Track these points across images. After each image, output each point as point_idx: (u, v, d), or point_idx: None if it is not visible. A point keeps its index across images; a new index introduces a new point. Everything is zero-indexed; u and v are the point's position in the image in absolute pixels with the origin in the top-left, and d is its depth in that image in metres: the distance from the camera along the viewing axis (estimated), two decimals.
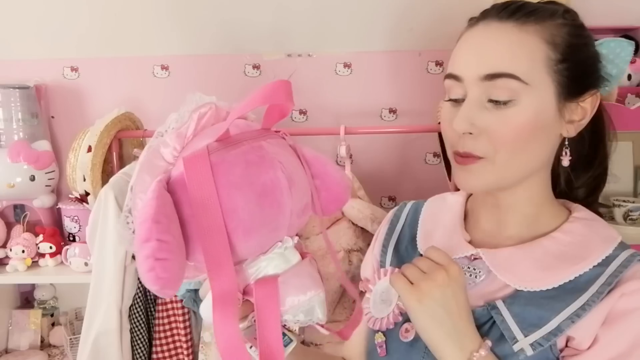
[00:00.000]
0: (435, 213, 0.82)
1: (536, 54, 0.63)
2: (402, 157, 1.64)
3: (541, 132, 0.65)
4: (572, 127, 0.68)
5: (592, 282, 0.63)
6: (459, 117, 0.65)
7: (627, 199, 1.37)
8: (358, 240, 1.26)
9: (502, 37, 0.64)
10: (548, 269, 0.66)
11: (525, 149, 0.65)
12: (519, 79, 0.62)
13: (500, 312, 0.65)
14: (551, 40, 0.64)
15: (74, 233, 1.52)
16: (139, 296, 1.25)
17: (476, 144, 0.65)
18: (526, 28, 0.64)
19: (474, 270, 0.71)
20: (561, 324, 0.62)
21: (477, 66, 0.64)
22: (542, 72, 0.64)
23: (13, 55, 1.61)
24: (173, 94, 1.63)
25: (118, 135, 1.40)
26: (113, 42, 1.59)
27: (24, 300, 1.71)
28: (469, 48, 0.67)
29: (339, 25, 1.54)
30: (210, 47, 1.60)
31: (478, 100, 0.65)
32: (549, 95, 0.64)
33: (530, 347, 0.62)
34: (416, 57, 1.60)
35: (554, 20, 0.65)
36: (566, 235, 0.68)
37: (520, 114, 0.63)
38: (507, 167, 0.66)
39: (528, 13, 0.65)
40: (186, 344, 1.23)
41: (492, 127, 0.64)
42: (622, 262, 0.64)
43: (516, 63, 0.63)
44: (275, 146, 0.58)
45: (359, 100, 1.62)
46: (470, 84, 0.65)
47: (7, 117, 1.50)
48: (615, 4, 1.43)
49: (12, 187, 1.45)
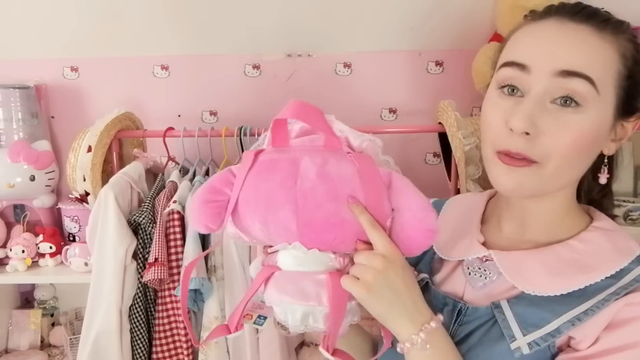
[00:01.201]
0: (455, 212, 0.82)
1: (610, 64, 0.61)
2: (402, 157, 1.64)
3: (594, 145, 0.63)
4: (613, 146, 0.67)
5: (600, 290, 0.62)
6: (521, 114, 0.60)
7: (627, 199, 1.37)
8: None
9: (581, 38, 0.61)
10: (558, 275, 0.65)
11: (578, 160, 0.63)
12: (593, 84, 0.59)
13: (503, 311, 0.66)
14: (623, 54, 0.62)
15: (74, 233, 1.52)
16: (139, 296, 1.25)
17: (532, 146, 0.61)
18: (604, 36, 0.61)
19: (484, 271, 0.71)
20: (561, 326, 0.62)
21: (553, 59, 0.60)
22: (611, 84, 0.61)
23: (13, 55, 1.61)
24: (173, 94, 1.63)
25: (118, 135, 1.40)
26: (113, 42, 1.59)
27: (24, 300, 1.71)
28: (543, 39, 0.62)
29: (339, 25, 1.54)
30: (210, 47, 1.60)
31: (542, 98, 0.61)
32: (610, 110, 0.63)
33: (527, 346, 0.62)
34: (416, 57, 1.60)
35: (625, 34, 0.64)
36: (582, 243, 0.67)
37: (583, 122, 0.60)
38: (555, 175, 0.63)
39: (604, 21, 0.62)
40: (186, 344, 1.23)
41: (552, 130, 0.60)
42: (635, 276, 0.62)
43: (594, 67, 0.60)
44: (314, 160, 0.64)
45: (359, 100, 1.62)
46: (541, 78, 0.61)
47: (7, 117, 1.50)
48: (615, 4, 1.43)
49: (12, 187, 1.45)
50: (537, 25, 0.64)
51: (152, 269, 1.17)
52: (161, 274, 1.17)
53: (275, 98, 1.63)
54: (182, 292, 0.71)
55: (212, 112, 1.65)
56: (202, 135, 1.34)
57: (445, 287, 0.75)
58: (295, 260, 0.64)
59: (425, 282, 0.76)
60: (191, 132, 1.34)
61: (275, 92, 1.62)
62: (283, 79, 1.62)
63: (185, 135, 1.34)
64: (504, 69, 0.64)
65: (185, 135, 1.34)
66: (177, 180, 1.33)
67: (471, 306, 0.69)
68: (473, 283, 0.71)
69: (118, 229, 1.21)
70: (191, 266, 0.72)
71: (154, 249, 1.19)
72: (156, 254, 1.19)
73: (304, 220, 0.62)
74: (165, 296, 1.23)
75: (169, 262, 1.22)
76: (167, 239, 1.23)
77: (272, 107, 1.83)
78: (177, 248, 1.23)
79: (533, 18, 0.65)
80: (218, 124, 1.64)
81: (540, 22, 0.64)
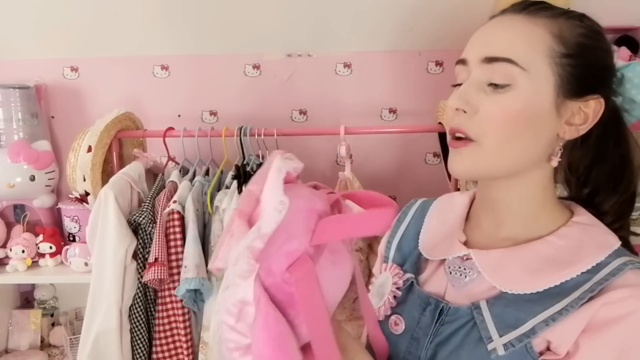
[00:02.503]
0: (441, 212, 0.83)
1: (538, 43, 0.64)
2: (402, 157, 1.64)
3: (533, 122, 0.65)
4: (571, 130, 0.67)
5: (576, 288, 0.62)
6: (455, 93, 0.66)
7: None
8: (358, 240, 1.26)
9: (508, 26, 0.65)
10: (536, 273, 0.65)
11: (515, 137, 0.65)
12: (515, 64, 0.63)
13: (482, 312, 0.66)
14: (558, 34, 0.64)
15: (74, 233, 1.52)
16: (139, 296, 1.25)
17: (469, 124, 0.65)
18: (535, 20, 0.65)
19: (464, 270, 0.72)
20: (535, 326, 0.62)
21: (480, 49, 0.66)
22: (542, 61, 0.64)
23: (13, 55, 1.61)
24: (173, 94, 1.63)
25: (118, 135, 1.40)
26: (113, 42, 1.59)
27: (24, 300, 1.71)
28: (478, 35, 0.68)
29: (339, 25, 1.55)
30: (210, 47, 1.60)
31: (478, 82, 0.65)
32: (547, 86, 0.64)
33: (502, 347, 0.63)
34: (416, 57, 1.60)
35: (568, 20, 0.66)
36: (561, 239, 0.67)
37: (514, 99, 0.63)
38: (496, 153, 0.65)
39: (543, 8, 0.66)
40: (186, 344, 1.23)
41: (485, 108, 0.64)
42: (611, 270, 0.63)
43: (515, 49, 0.63)
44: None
45: (359, 100, 1.62)
46: (473, 66, 0.66)
47: (7, 117, 1.50)
48: (615, 4, 1.43)
49: (12, 187, 1.45)
50: (483, 25, 0.69)
51: (152, 269, 1.18)
52: (161, 274, 1.18)
53: (275, 98, 1.63)
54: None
55: (212, 112, 1.65)
56: (202, 135, 1.34)
57: (429, 286, 0.75)
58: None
59: (410, 282, 0.76)
60: (191, 132, 1.34)
61: (275, 92, 1.62)
62: (283, 79, 1.62)
63: (185, 135, 1.34)
64: (455, 67, 0.70)
65: (185, 135, 1.34)
66: (177, 180, 1.33)
67: (453, 306, 0.70)
68: (454, 282, 0.72)
69: (118, 229, 1.21)
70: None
71: (154, 249, 1.19)
72: (156, 254, 1.19)
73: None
74: (165, 296, 1.23)
75: (169, 262, 1.22)
76: (167, 239, 1.23)
77: (272, 107, 1.85)
78: (177, 248, 1.23)
79: (490, 18, 0.70)
80: (218, 124, 1.64)
81: (487, 22, 0.69)
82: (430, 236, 0.79)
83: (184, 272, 1.19)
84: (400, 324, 0.74)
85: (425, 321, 0.71)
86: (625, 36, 1.47)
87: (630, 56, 1.39)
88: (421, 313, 0.72)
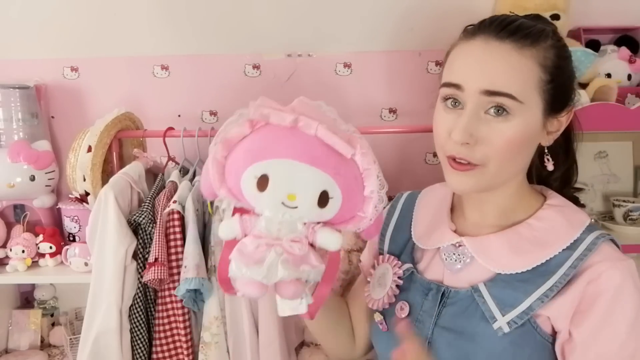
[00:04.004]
0: (428, 203, 0.91)
1: (530, 76, 0.71)
2: (402, 157, 1.64)
3: (528, 143, 0.74)
4: (549, 138, 0.77)
5: (560, 265, 0.72)
6: (460, 128, 0.71)
7: (627, 199, 1.38)
8: (358, 240, 1.26)
9: (502, 57, 0.71)
10: (522, 253, 0.74)
11: (515, 159, 0.74)
12: (515, 98, 0.69)
13: (482, 294, 0.74)
14: (544, 63, 0.71)
15: (74, 233, 1.52)
16: (139, 296, 1.25)
17: (472, 153, 0.72)
18: (524, 52, 0.70)
19: (459, 256, 0.79)
20: (532, 304, 0.71)
21: (479, 80, 0.71)
22: (534, 92, 0.71)
23: (13, 55, 1.61)
24: (173, 94, 1.63)
25: (118, 135, 1.40)
26: (113, 42, 1.59)
27: (24, 300, 1.71)
28: (471, 61, 0.73)
29: (339, 25, 1.54)
30: (210, 47, 1.60)
31: (476, 112, 0.71)
32: (538, 112, 0.73)
33: (507, 325, 0.72)
34: (416, 57, 1.60)
35: (546, 42, 0.72)
36: (539, 221, 0.76)
37: (513, 128, 0.70)
38: (497, 173, 0.73)
39: (525, 35, 0.71)
40: (186, 344, 1.23)
41: (487, 138, 0.71)
42: (587, 245, 0.72)
43: (514, 84, 0.70)
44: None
45: (359, 100, 1.62)
46: (471, 96, 0.71)
47: (7, 117, 1.50)
48: (615, 4, 1.43)
49: (12, 187, 1.45)
50: (467, 46, 0.74)
51: (152, 269, 1.18)
52: (161, 274, 1.18)
53: (275, 98, 1.61)
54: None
55: (212, 112, 1.65)
56: (202, 135, 1.34)
57: (428, 274, 0.83)
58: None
59: (410, 271, 0.84)
60: (191, 132, 1.34)
61: (275, 92, 1.62)
62: (283, 79, 1.62)
63: (185, 135, 1.34)
64: (444, 88, 0.75)
65: (185, 135, 1.34)
66: (177, 180, 1.33)
67: (453, 289, 0.78)
68: (450, 267, 0.80)
69: (118, 229, 1.21)
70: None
71: (154, 249, 1.19)
72: (156, 254, 1.19)
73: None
74: (165, 296, 1.23)
75: (169, 262, 1.22)
76: (167, 239, 1.23)
77: None
78: (177, 248, 1.23)
79: (465, 36, 0.75)
80: (218, 124, 1.64)
81: (470, 42, 0.74)
82: (422, 227, 0.87)
83: (184, 272, 1.19)
84: (405, 308, 0.81)
85: (428, 304, 0.79)
86: (625, 36, 1.47)
87: (631, 56, 1.40)
88: (424, 298, 0.80)
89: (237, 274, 0.63)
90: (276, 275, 0.62)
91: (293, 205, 0.63)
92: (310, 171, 0.63)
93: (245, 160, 0.65)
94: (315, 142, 0.65)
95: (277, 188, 0.63)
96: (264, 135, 0.67)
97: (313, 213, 0.65)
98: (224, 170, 0.67)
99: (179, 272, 1.21)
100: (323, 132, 0.65)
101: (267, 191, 0.63)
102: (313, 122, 0.65)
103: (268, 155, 0.64)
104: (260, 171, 0.64)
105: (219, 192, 0.68)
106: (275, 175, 0.63)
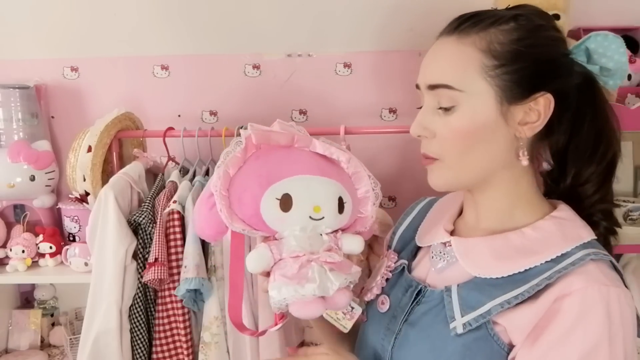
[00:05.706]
0: (441, 205, 0.90)
1: (468, 63, 0.69)
2: (402, 157, 1.64)
3: (483, 134, 0.70)
4: (527, 129, 0.70)
5: (537, 275, 0.66)
6: (414, 123, 0.74)
7: (627, 199, 1.37)
8: None
9: (442, 51, 0.72)
10: (503, 259, 0.70)
11: (471, 150, 0.70)
12: (452, 88, 0.69)
13: (451, 294, 0.72)
14: (487, 49, 0.68)
15: (74, 233, 1.52)
16: (139, 296, 1.25)
17: (429, 146, 0.73)
18: (463, 40, 0.69)
19: (444, 255, 0.78)
20: (492, 308, 0.67)
21: (425, 77, 0.73)
22: (476, 78, 0.68)
23: (13, 55, 1.61)
24: (173, 94, 1.63)
25: (118, 135, 1.40)
26: (113, 42, 1.59)
27: (24, 300, 1.71)
28: (424, 61, 0.75)
29: (339, 25, 1.54)
30: (210, 47, 1.60)
31: (431, 107, 0.72)
32: (488, 99, 0.69)
33: (461, 326, 0.68)
34: (416, 57, 1.58)
35: (498, 27, 0.69)
36: (535, 231, 0.71)
37: (459, 117, 0.69)
38: (457, 167, 0.72)
39: (472, 24, 0.70)
40: (186, 344, 1.23)
41: (439, 131, 0.71)
42: (573, 260, 0.66)
43: (449, 73, 0.69)
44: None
45: (359, 100, 1.62)
46: (424, 92, 0.73)
47: (7, 117, 1.50)
48: (615, 4, 1.43)
49: (12, 187, 1.45)
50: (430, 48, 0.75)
51: (152, 269, 1.18)
52: (161, 274, 1.18)
53: (275, 98, 1.63)
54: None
55: (212, 112, 1.65)
56: (202, 135, 1.34)
57: (416, 272, 0.82)
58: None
59: (402, 267, 0.83)
60: (191, 132, 1.34)
61: (275, 92, 1.62)
62: (283, 79, 1.62)
63: (185, 135, 1.34)
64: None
65: (185, 135, 1.34)
66: (177, 180, 1.33)
67: (430, 289, 0.76)
68: (434, 266, 0.78)
69: (118, 229, 1.21)
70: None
71: (154, 249, 1.19)
72: (156, 254, 1.19)
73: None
74: (165, 296, 1.24)
75: (169, 262, 1.22)
76: (167, 239, 1.23)
77: (272, 107, 1.85)
78: (177, 248, 1.23)
79: (436, 38, 0.75)
80: (218, 124, 1.64)
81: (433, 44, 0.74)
82: (425, 227, 0.87)
83: (184, 272, 1.19)
84: (385, 302, 0.81)
85: (404, 301, 0.78)
86: (625, 36, 1.47)
87: (631, 56, 1.39)
88: (403, 294, 0.79)
89: (293, 298, 0.64)
90: (332, 284, 0.64)
91: (319, 216, 0.67)
92: (324, 182, 0.68)
93: (260, 186, 0.66)
94: (312, 156, 0.71)
95: (302, 203, 0.67)
96: (267, 159, 0.69)
97: (336, 220, 0.69)
98: (229, 203, 0.68)
99: (179, 272, 1.21)
100: (319, 145, 0.71)
101: (293, 208, 0.66)
102: (307, 137, 0.71)
103: (281, 175, 0.67)
104: (280, 192, 0.66)
105: (234, 227, 0.67)
106: (296, 192, 0.66)
